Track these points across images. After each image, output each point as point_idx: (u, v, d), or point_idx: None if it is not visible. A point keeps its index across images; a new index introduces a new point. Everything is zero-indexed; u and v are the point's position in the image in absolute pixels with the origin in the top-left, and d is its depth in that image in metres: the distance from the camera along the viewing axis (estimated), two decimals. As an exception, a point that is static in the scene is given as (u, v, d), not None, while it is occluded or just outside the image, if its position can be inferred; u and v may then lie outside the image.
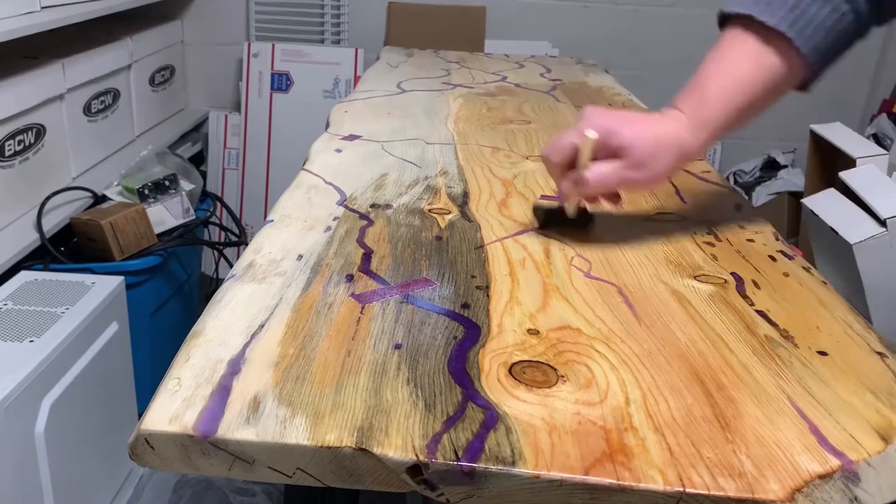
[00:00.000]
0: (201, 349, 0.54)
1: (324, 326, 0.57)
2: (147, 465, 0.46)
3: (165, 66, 2.27)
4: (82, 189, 1.68)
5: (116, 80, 1.93)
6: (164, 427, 0.46)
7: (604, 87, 1.54)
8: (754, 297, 0.65)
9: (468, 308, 0.61)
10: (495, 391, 0.50)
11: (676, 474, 0.43)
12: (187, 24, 2.42)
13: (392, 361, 0.53)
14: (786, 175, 2.21)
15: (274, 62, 2.34)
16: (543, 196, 0.88)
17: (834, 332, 0.60)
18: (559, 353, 0.55)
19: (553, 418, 0.47)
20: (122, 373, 1.41)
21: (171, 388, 0.49)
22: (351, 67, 2.33)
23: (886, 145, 1.89)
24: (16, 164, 1.50)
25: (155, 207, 1.68)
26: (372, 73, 1.59)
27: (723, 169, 2.42)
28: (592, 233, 0.78)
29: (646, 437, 0.46)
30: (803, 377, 0.54)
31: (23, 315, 1.21)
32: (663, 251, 0.75)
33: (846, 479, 0.44)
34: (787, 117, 2.43)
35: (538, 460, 0.44)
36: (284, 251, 0.70)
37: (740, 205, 0.89)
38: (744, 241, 0.78)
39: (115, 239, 1.55)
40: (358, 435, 0.45)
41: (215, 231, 2.07)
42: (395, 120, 1.18)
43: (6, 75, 1.45)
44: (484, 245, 0.74)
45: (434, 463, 0.44)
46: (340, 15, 2.39)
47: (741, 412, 0.49)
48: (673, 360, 0.55)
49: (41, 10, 1.54)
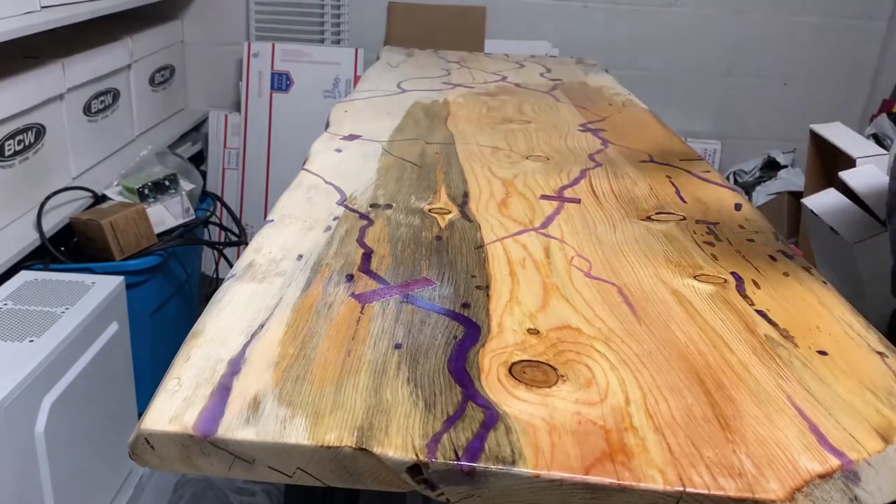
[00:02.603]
0: (201, 349, 0.54)
1: (324, 326, 0.57)
2: (147, 464, 0.46)
3: (165, 66, 2.27)
4: (82, 189, 1.68)
5: (116, 80, 1.93)
6: (164, 427, 0.46)
7: (604, 87, 1.54)
8: (754, 296, 0.65)
9: (468, 308, 0.61)
10: (495, 391, 0.50)
11: (676, 474, 0.43)
12: (187, 24, 2.42)
13: (392, 361, 0.53)
14: (786, 175, 2.21)
15: (274, 62, 2.33)
16: (543, 196, 0.88)
17: (834, 332, 0.60)
18: (559, 352, 0.55)
19: (553, 418, 0.47)
20: (122, 373, 1.41)
21: (171, 388, 0.49)
22: (351, 67, 2.33)
23: (886, 145, 1.89)
24: (16, 163, 1.50)
25: (155, 207, 1.68)
26: (372, 73, 1.59)
27: (723, 169, 2.42)
28: (592, 232, 0.78)
29: (646, 437, 0.46)
30: (803, 377, 0.54)
31: (23, 315, 1.21)
32: (663, 251, 0.75)
33: (846, 479, 0.44)
34: (787, 117, 2.44)
35: (538, 460, 0.44)
36: (284, 251, 0.70)
37: (740, 205, 0.89)
38: (744, 241, 0.78)
39: (115, 239, 1.55)
40: (358, 435, 0.45)
41: (215, 231, 2.07)
42: (395, 120, 1.18)
43: (6, 75, 1.45)
44: (484, 245, 0.74)
45: (434, 462, 0.43)
46: (340, 15, 2.39)
47: (741, 412, 0.49)
48: (673, 360, 0.55)
49: (41, 10, 1.54)
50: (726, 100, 2.44)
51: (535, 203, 0.86)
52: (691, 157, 1.06)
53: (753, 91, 2.43)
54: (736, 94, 2.43)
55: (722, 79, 2.41)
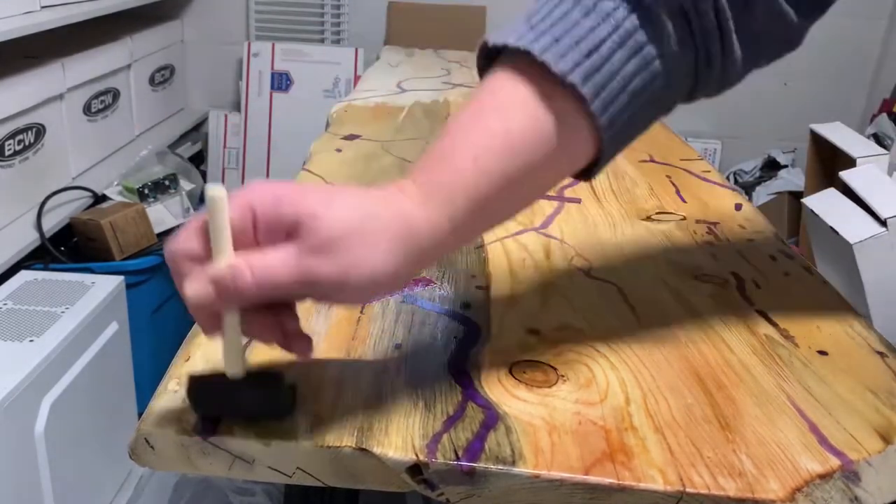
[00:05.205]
0: (201, 349, 0.54)
1: (324, 326, 0.57)
2: (147, 465, 0.46)
3: (165, 66, 2.27)
4: (82, 189, 1.68)
5: (116, 80, 1.93)
6: (164, 427, 0.45)
7: (604, 87, 1.54)
8: (754, 296, 0.65)
9: (468, 308, 0.61)
10: (495, 391, 0.50)
11: (676, 474, 0.43)
12: (187, 24, 2.42)
13: (392, 361, 0.53)
14: (786, 175, 2.21)
15: (274, 62, 2.34)
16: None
17: (834, 332, 0.60)
18: (559, 352, 0.55)
19: (553, 418, 0.47)
20: (122, 373, 1.41)
21: (171, 387, 0.49)
22: (351, 67, 2.33)
23: (886, 145, 1.89)
24: (16, 163, 1.50)
25: (155, 207, 1.69)
26: (372, 72, 1.59)
27: (723, 169, 2.42)
28: (592, 232, 0.78)
29: (646, 437, 0.46)
30: (803, 377, 0.54)
31: (23, 315, 1.21)
32: (663, 251, 0.74)
33: (846, 479, 0.44)
34: (787, 117, 2.44)
35: (538, 460, 0.44)
36: (284, 251, 0.70)
37: (740, 205, 0.89)
38: (744, 240, 0.78)
39: (114, 239, 1.55)
40: (358, 435, 0.45)
41: (215, 231, 2.07)
42: (395, 120, 1.18)
43: (6, 75, 1.45)
44: (484, 244, 0.74)
45: (434, 463, 0.43)
46: (340, 15, 2.39)
47: (741, 412, 0.49)
48: (673, 360, 0.55)
49: (41, 9, 1.54)
50: (726, 100, 2.42)
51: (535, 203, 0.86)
52: (691, 157, 1.06)
53: (753, 91, 2.43)
54: (736, 94, 2.41)
55: (722, 79, 2.40)
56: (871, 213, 1.18)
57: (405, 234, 0.42)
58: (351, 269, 0.40)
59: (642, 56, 0.44)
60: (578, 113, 0.44)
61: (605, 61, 0.44)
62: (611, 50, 0.44)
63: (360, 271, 0.40)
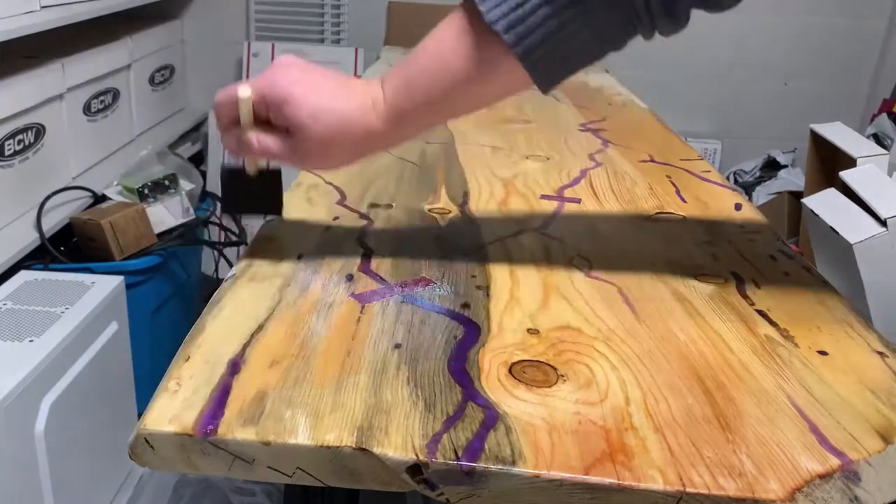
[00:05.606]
0: (201, 349, 0.54)
1: (324, 326, 0.57)
2: (147, 465, 0.46)
3: (165, 66, 2.27)
4: (82, 189, 1.68)
5: (116, 80, 1.93)
6: (164, 427, 0.45)
7: (604, 87, 1.54)
8: (754, 296, 0.65)
9: (468, 307, 0.61)
10: (495, 391, 0.50)
11: (676, 474, 0.43)
12: (187, 24, 2.42)
13: (392, 361, 0.53)
14: (786, 175, 2.21)
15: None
16: (543, 196, 0.88)
17: (834, 332, 0.60)
18: (559, 352, 0.55)
19: (553, 418, 0.47)
20: (122, 373, 1.41)
21: (171, 388, 0.49)
22: (351, 67, 2.32)
23: (886, 145, 1.89)
24: (15, 163, 1.50)
25: (155, 207, 1.68)
26: (372, 72, 1.59)
27: (723, 169, 2.42)
28: (592, 232, 0.78)
29: (646, 437, 0.46)
30: (803, 377, 0.54)
31: (22, 315, 1.21)
32: (663, 251, 0.75)
33: (846, 479, 0.44)
34: (787, 117, 2.44)
35: (538, 460, 0.44)
36: (284, 251, 0.70)
37: (740, 205, 0.89)
38: (744, 240, 0.78)
39: (114, 239, 1.55)
40: (358, 434, 0.45)
41: (215, 231, 2.07)
42: (395, 120, 1.18)
43: (6, 75, 1.45)
44: (484, 244, 0.74)
45: (434, 462, 0.43)
46: (340, 15, 2.39)
47: (741, 412, 0.49)
48: (673, 360, 0.55)
49: (41, 9, 1.54)
50: (726, 100, 2.44)
51: (535, 203, 0.86)
52: (691, 157, 1.06)
53: (754, 91, 2.43)
54: (736, 94, 2.43)
55: (722, 78, 2.41)
56: (871, 213, 1.18)
57: (365, 144, 0.62)
58: (321, 165, 0.69)
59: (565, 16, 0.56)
60: (501, 45, 0.57)
61: (528, 14, 0.55)
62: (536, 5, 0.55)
63: (328, 164, 0.66)
